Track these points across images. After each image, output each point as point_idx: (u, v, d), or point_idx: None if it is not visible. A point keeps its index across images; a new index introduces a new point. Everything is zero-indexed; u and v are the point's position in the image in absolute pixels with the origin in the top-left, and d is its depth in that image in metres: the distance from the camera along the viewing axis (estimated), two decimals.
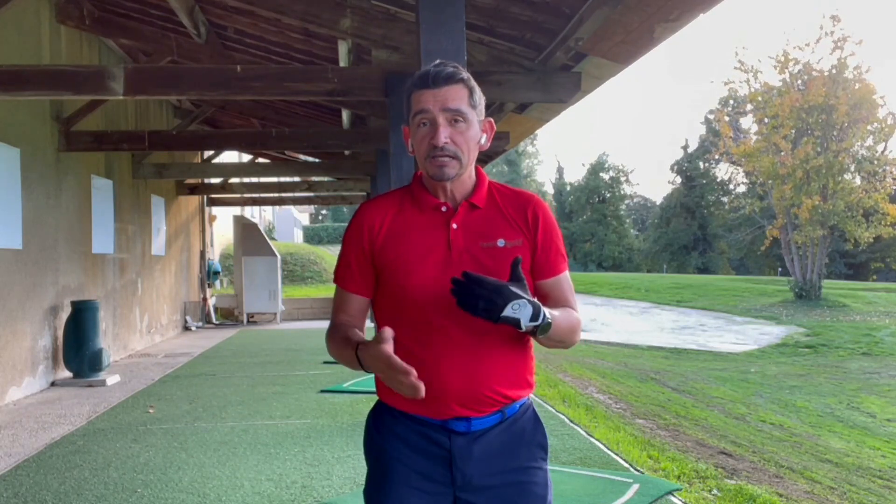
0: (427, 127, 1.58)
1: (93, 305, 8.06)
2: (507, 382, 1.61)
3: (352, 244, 1.68)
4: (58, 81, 5.37)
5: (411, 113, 1.61)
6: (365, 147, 9.45)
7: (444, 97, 1.57)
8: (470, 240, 1.61)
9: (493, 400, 1.60)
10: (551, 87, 5.37)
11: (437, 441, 1.61)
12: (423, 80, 1.59)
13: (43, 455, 4.99)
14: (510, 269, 1.53)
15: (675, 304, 23.60)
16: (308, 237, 42.72)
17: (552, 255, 1.66)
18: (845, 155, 25.40)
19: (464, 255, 1.59)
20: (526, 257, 1.62)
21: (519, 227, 1.64)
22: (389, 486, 1.63)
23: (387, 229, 1.65)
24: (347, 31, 5.60)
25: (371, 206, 1.71)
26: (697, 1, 3.88)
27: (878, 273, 42.44)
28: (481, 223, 1.63)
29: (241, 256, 15.53)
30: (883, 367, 13.90)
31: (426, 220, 1.64)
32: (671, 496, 3.98)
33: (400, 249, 1.62)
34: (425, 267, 1.59)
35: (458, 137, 1.58)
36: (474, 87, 1.62)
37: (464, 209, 1.63)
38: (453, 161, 1.57)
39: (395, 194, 1.73)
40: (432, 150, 1.57)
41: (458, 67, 1.62)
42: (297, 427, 5.65)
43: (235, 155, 17.27)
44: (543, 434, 1.70)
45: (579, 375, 9.71)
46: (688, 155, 50.35)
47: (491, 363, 1.59)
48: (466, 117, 1.59)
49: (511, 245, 1.61)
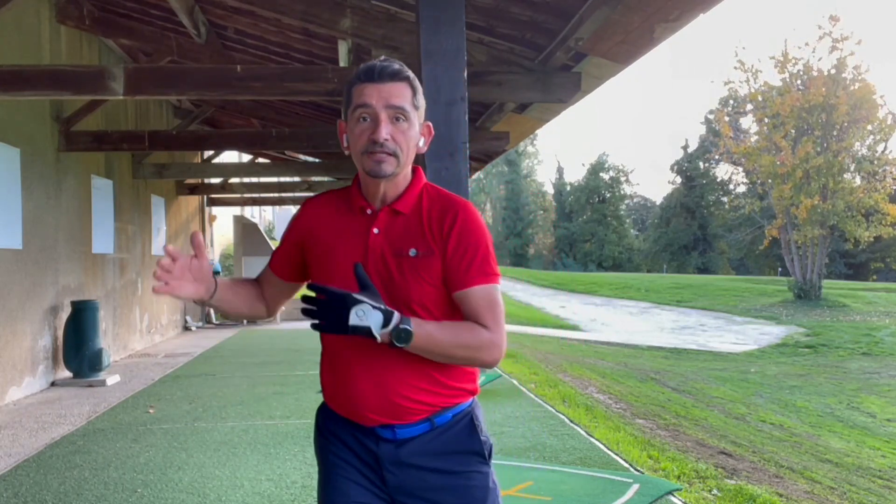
0: (367, 122, 1.54)
1: (93, 305, 8.06)
2: (423, 391, 1.57)
3: (289, 232, 1.74)
4: (58, 81, 5.37)
5: (351, 106, 1.57)
6: None
7: (389, 93, 1.54)
8: (386, 247, 1.58)
9: (409, 409, 1.57)
10: (551, 87, 5.37)
11: (366, 445, 1.62)
12: (367, 74, 1.56)
13: (43, 455, 4.99)
14: (355, 277, 1.50)
15: (675, 304, 23.60)
16: None
17: (463, 266, 1.55)
18: (845, 154, 25.41)
19: (378, 262, 1.57)
20: (437, 268, 1.56)
21: (434, 235, 1.57)
22: (333, 480, 1.65)
23: (318, 230, 1.66)
24: (347, 31, 5.60)
25: (313, 202, 1.73)
26: (697, 1, 3.88)
27: (878, 273, 42.45)
28: (400, 231, 1.59)
29: (241, 256, 15.54)
30: (883, 367, 13.90)
31: (352, 223, 1.63)
32: (671, 496, 3.98)
33: (324, 253, 1.64)
34: (341, 272, 1.56)
35: (399, 136, 1.54)
36: (418, 88, 1.60)
37: (385, 215, 1.60)
38: (391, 158, 1.54)
39: (336, 193, 1.72)
40: (371, 145, 1.53)
41: (403, 65, 1.59)
42: (297, 427, 5.65)
43: (235, 155, 17.25)
44: (479, 441, 1.63)
45: (579, 375, 9.71)
46: (688, 155, 50.36)
47: (401, 371, 1.55)
48: (408, 116, 1.55)
49: (422, 255, 1.56)
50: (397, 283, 1.56)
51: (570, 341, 15.37)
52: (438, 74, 3.35)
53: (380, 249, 1.58)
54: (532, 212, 58.34)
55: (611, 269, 48.39)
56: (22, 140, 7.20)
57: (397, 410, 1.57)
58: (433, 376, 1.58)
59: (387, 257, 1.57)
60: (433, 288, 1.57)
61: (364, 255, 1.58)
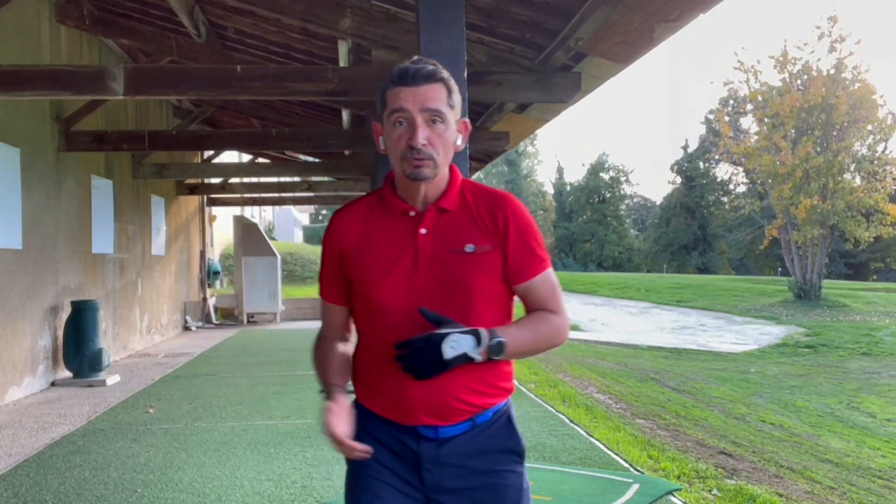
0: (404, 126, 1.53)
1: (93, 305, 8.06)
2: (474, 392, 1.59)
3: (326, 254, 1.68)
4: (58, 81, 5.37)
5: (386, 110, 1.55)
6: (365, 147, 9.45)
7: (424, 96, 1.52)
8: (438, 246, 1.57)
9: (460, 410, 1.59)
10: (551, 87, 5.37)
11: (406, 443, 1.62)
12: (401, 77, 1.53)
13: (43, 455, 4.99)
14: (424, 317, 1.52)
15: (675, 304, 23.59)
16: (308, 237, 42.72)
17: (526, 258, 1.60)
18: (845, 154, 25.41)
19: (432, 262, 1.56)
20: (497, 263, 1.58)
21: (489, 230, 1.58)
22: (364, 480, 1.64)
23: (355, 238, 1.62)
24: (347, 31, 5.60)
25: (342, 213, 1.68)
26: (697, 1, 3.88)
27: (878, 273, 42.45)
28: (451, 228, 1.58)
29: (241, 256, 15.53)
30: (883, 367, 13.90)
31: (394, 226, 1.60)
32: (671, 496, 3.98)
33: (368, 260, 1.60)
34: (392, 278, 1.57)
35: (436, 139, 1.53)
36: (453, 87, 1.57)
37: (432, 214, 1.59)
38: (430, 162, 1.53)
39: (366, 200, 1.68)
40: (409, 150, 1.52)
41: (437, 65, 1.57)
42: (297, 427, 5.65)
43: (235, 155, 17.26)
44: (518, 440, 1.67)
45: (579, 375, 9.71)
46: (688, 155, 50.35)
47: (456, 374, 1.56)
48: (445, 118, 1.54)
49: (480, 251, 1.57)
50: (457, 280, 1.56)
51: (569, 341, 15.36)
52: None
53: (431, 249, 1.57)
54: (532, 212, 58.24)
55: (611, 269, 48.39)
56: (22, 140, 7.20)
57: (448, 412, 1.58)
58: (485, 377, 1.61)
59: (441, 256, 1.57)
60: (493, 282, 1.58)
61: (415, 256, 1.57)
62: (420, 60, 1.57)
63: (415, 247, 1.57)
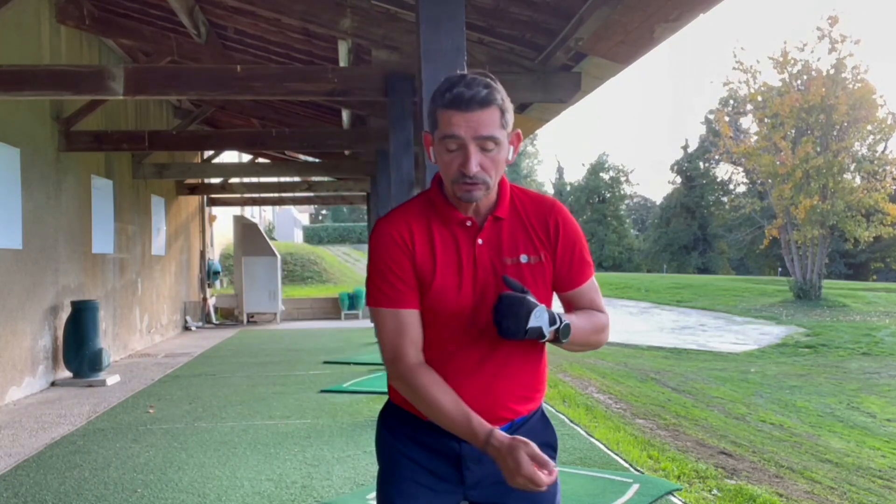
0: (456, 152, 1.50)
1: (93, 305, 8.06)
2: (520, 398, 1.64)
3: (390, 256, 1.57)
4: (58, 81, 5.37)
5: (438, 130, 1.52)
6: (365, 147, 9.46)
7: (477, 123, 1.48)
8: (494, 255, 1.59)
9: (506, 418, 1.62)
10: (551, 87, 5.37)
11: (448, 444, 1.63)
12: (455, 102, 1.48)
13: (43, 455, 4.99)
14: (505, 284, 1.52)
15: (675, 304, 23.59)
16: (308, 237, 42.70)
17: (575, 266, 1.64)
18: (845, 154, 25.40)
19: (489, 272, 1.58)
20: (548, 271, 1.62)
21: (541, 240, 1.61)
22: (398, 482, 1.65)
23: (418, 240, 1.59)
24: (347, 31, 5.61)
25: (391, 220, 1.62)
26: (697, 1, 3.88)
27: (878, 273, 42.44)
28: (505, 237, 1.60)
29: (241, 256, 15.53)
30: (883, 367, 13.90)
31: (452, 235, 1.60)
32: (671, 496, 3.98)
33: (430, 268, 1.58)
34: (456, 288, 1.57)
35: (489, 163, 1.51)
36: (507, 107, 1.53)
37: (489, 224, 1.59)
38: (482, 185, 1.52)
39: (414, 207, 1.64)
40: (461, 176, 1.50)
41: (490, 86, 1.50)
42: (297, 427, 5.65)
43: (235, 155, 17.26)
44: (553, 433, 1.73)
45: (579, 375, 9.71)
46: (688, 155, 50.34)
47: (508, 384, 1.61)
48: (498, 141, 1.51)
49: (534, 261, 1.60)
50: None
51: None
52: (438, 74, 3.35)
53: (488, 259, 1.58)
54: None
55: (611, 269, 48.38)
56: (22, 140, 7.20)
57: (497, 419, 1.59)
58: (532, 384, 1.65)
59: (497, 266, 1.58)
60: (543, 290, 1.61)
61: (473, 266, 1.58)
62: (474, 81, 1.49)
63: (474, 256, 1.58)
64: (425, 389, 1.54)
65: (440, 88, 1.52)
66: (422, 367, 1.57)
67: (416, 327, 1.58)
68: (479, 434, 1.49)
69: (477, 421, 1.50)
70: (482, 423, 1.50)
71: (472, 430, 1.50)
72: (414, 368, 1.56)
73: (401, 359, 1.57)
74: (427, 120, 1.58)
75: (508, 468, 1.44)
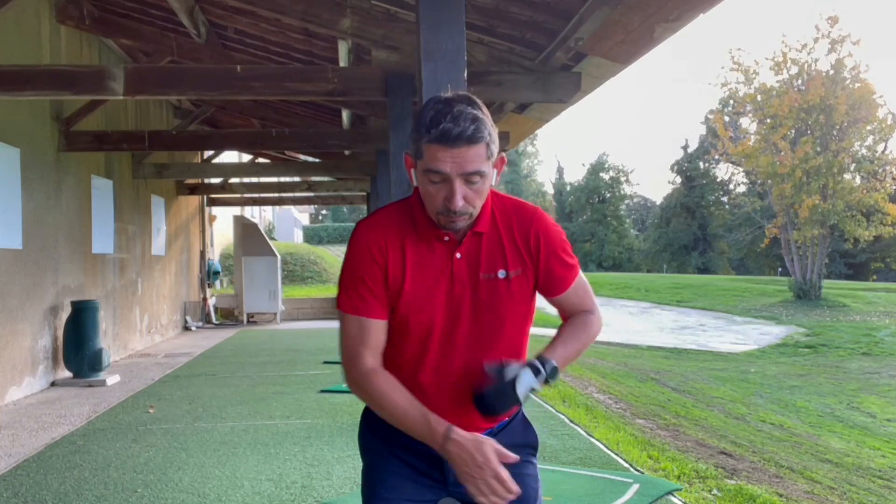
0: (441, 184, 1.48)
1: (93, 305, 8.06)
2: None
3: (365, 266, 1.57)
4: (58, 81, 5.37)
5: (422, 162, 1.49)
6: (365, 147, 9.45)
7: (464, 160, 1.46)
8: (472, 271, 1.58)
9: (484, 428, 1.63)
10: (551, 87, 5.37)
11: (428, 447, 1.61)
12: (441, 138, 1.45)
13: (43, 455, 4.99)
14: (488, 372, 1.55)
15: (675, 304, 23.60)
16: (308, 237, 42.72)
17: (559, 273, 1.64)
18: (845, 154, 25.41)
19: (466, 287, 1.58)
20: (529, 283, 1.61)
21: (520, 253, 1.60)
22: (382, 475, 1.66)
23: (392, 256, 1.58)
24: (347, 31, 5.60)
25: (371, 227, 1.61)
26: (697, 1, 3.88)
27: (878, 273, 42.43)
28: (483, 252, 1.58)
29: (241, 256, 15.53)
30: (883, 367, 13.90)
31: (430, 249, 1.58)
32: (671, 496, 3.98)
33: (405, 280, 1.57)
34: (429, 302, 1.57)
35: (473, 195, 1.50)
36: (494, 139, 1.50)
37: (468, 239, 1.58)
38: (465, 217, 1.52)
39: (395, 215, 1.62)
40: (445, 209, 1.49)
41: (478, 120, 1.47)
42: (297, 427, 5.65)
43: (235, 155, 17.26)
44: (533, 434, 1.73)
45: (579, 375, 9.70)
46: (688, 155, 50.34)
47: None
48: (484, 175, 1.49)
49: (514, 274, 1.59)
50: (490, 306, 1.58)
51: None
52: (438, 74, 3.35)
53: (465, 274, 1.58)
54: None
55: (611, 269, 48.37)
56: (22, 140, 7.20)
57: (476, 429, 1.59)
58: None
59: (475, 281, 1.58)
60: (524, 303, 1.62)
61: (450, 282, 1.57)
62: (461, 116, 1.45)
63: (451, 271, 1.58)
64: (381, 392, 1.55)
65: (425, 119, 1.48)
66: (377, 372, 1.58)
67: (379, 336, 1.58)
68: (436, 430, 1.49)
69: (434, 418, 1.50)
70: (439, 420, 1.50)
71: (429, 427, 1.50)
72: (370, 373, 1.57)
73: (358, 364, 1.58)
74: (410, 142, 1.55)
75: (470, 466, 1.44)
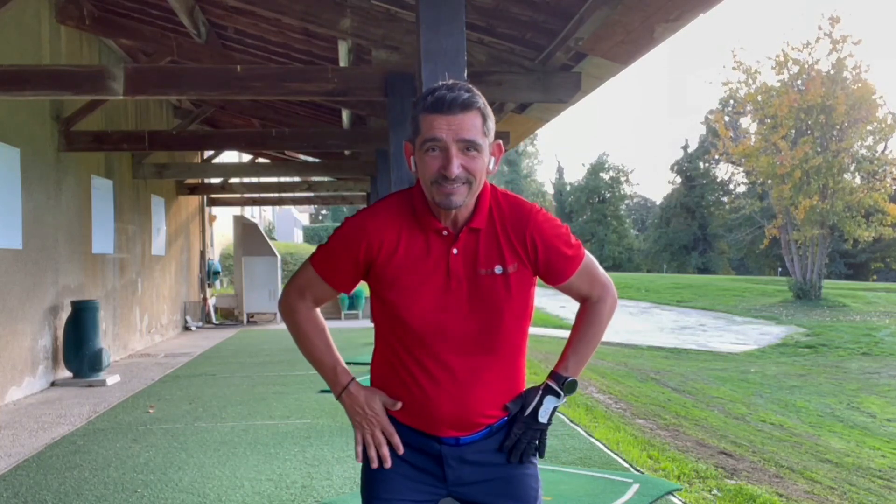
0: (437, 153, 1.50)
1: (93, 305, 8.06)
2: (496, 406, 1.65)
3: (346, 250, 1.63)
4: (58, 81, 5.37)
5: (419, 136, 1.52)
6: (365, 147, 9.46)
7: (459, 126, 1.49)
8: (469, 266, 1.59)
9: (482, 423, 1.64)
10: (551, 87, 5.37)
11: (428, 445, 1.65)
12: (436, 105, 1.49)
13: (43, 455, 4.99)
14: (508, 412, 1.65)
15: (675, 304, 23.59)
16: (308, 237, 42.73)
17: (559, 264, 1.65)
18: (845, 155, 25.39)
19: (462, 282, 1.58)
20: (526, 277, 1.62)
21: (517, 251, 1.60)
22: (383, 475, 1.67)
23: (389, 248, 1.60)
24: (347, 31, 5.60)
25: (375, 219, 1.63)
26: (697, 1, 3.88)
27: (878, 273, 42.42)
28: (480, 248, 1.59)
29: (241, 256, 15.53)
30: (883, 367, 13.90)
31: (427, 243, 1.60)
32: (671, 496, 3.98)
33: (400, 273, 1.59)
34: (424, 295, 1.58)
35: (471, 164, 1.51)
36: (488, 114, 1.55)
37: (464, 234, 1.59)
38: (464, 187, 1.52)
39: (395, 206, 1.64)
40: (442, 178, 1.50)
41: (472, 91, 1.53)
42: (297, 427, 5.65)
43: (235, 155, 17.26)
44: None
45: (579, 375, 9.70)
46: (688, 155, 50.34)
47: (483, 392, 1.62)
48: (480, 147, 1.52)
49: (510, 270, 1.59)
50: (488, 302, 1.59)
51: None
52: (438, 74, 3.35)
53: (462, 270, 1.59)
54: None
55: (611, 269, 48.33)
56: (22, 140, 7.20)
57: (472, 427, 1.63)
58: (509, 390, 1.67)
59: (472, 276, 1.58)
60: (522, 298, 1.63)
61: (446, 277, 1.58)
62: (455, 86, 1.52)
63: (447, 266, 1.58)
64: (304, 326, 1.70)
65: (422, 96, 1.55)
66: (310, 311, 1.71)
67: (326, 294, 1.70)
68: (339, 382, 1.66)
69: (342, 369, 1.67)
70: (346, 371, 1.67)
71: (335, 376, 1.67)
72: (303, 308, 1.71)
73: (299, 298, 1.70)
74: (409, 131, 1.58)
75: (360, 416, 1.64)
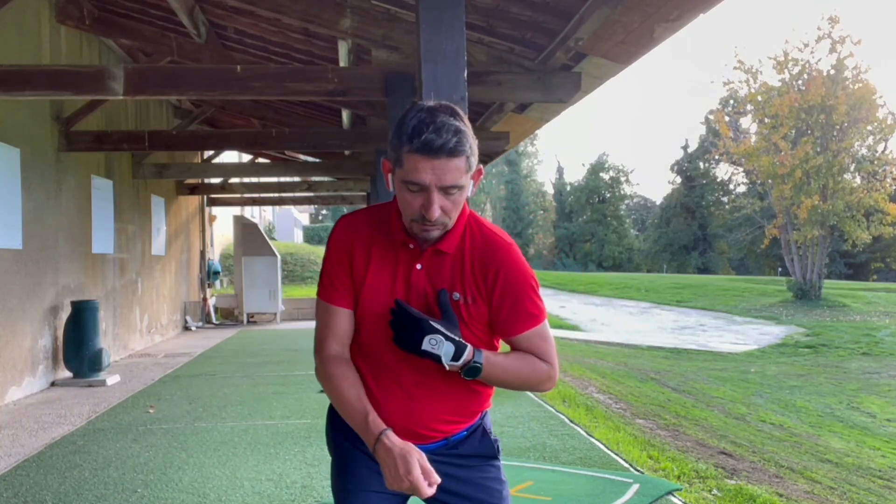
0: (419, 193, 1.48)
1: (93, 305, 8.06)
2: (446, 422, 1.65)
3: (336, 256, 1.64)
4: (58, 81, 5.37)
5: (402, 171, 1.49)
6: (365, 147, 9.45)
7: (443, 171, 1.45)
8: (430, 285, 1.59)
9: (432, 437, 1.64)
10: (551, 87, 5.37)
11: None
12: (422, 149, 1.44)
13: (43, 455, 4.99)
14: (438, 304, 1.55)
15: (675, 304, 23.59)
16: (308, 237, 42.73)
17: (512, 315, 1.59)
18: (845, 155, 25.40)
19: (421, 299, 1.58)
20: (482, 314, 1.60)
21: (478, 282, 1.58)
22: (351, 467, 1.70)
23: (360, 254, 1.62)
24: (347, 31, 5.60)
25: (353, 223, 1.66)
26: (697, 1, 3.88)
27: (878, 273, 42.43)
28: (443, 271, 1.59)
29: (241, 256, 15.53)
30: (883, 367, 13.90)
31: (394, 254, 1.61)
32: (671, 496, 3.98)
33: (366, 279, 1.61)
34: (380, 302, 1.59)
35: (450, 206, 1.50)
36: (473, 151, 1.50)
37: (429, 253, 1.59)
38: (440, 226, 1.52)
39: (372, 216, 1.66)
40: (421, 218, 1.50)
41: (460, 133, 1.46)
42: (297, 427, 5.65)
43: (235, 155, 17.26)
44: (490, 445, 1.73)
45: (579, 375, 9.70)
46: (688, 155, 50.36)
47: (433, 405, 1.61)
48: (462, 187, 1.50)
49: (467, 301, 1.58)
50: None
51: (570, 341, 15.37)
52: (438, 74, 3.35)
53: (423, 286, 1.59)
54: (532, 212, 58.33)
55: (611, 269, 48.38)
56: (22, 140, 7.20)
57: (421, 437, 1.62)
58: (461, 409, 1.66)
59: (430, 294, 1.58)
60: (475, 330, 1.60)
61: (406, 290, 1.59)
62: (443, 127, 1.45)
63: (407, 280, 1.59)
64: (336, 379, 1.60)
65: (407, 127, 1.47)
66: (338, 360, 1.63)
67: (343, 324, 1.63)
68: (372, 431, 1.53)
69: (373, 418, 1.55)
70: (377, 421, 1.54)
71: (366, 425, 1.54)
72: (330, 359, 1.63)
73: (322, 348, 1.65)
74: (389, 149, 1.55)
75: (395, 469, 1.48)
